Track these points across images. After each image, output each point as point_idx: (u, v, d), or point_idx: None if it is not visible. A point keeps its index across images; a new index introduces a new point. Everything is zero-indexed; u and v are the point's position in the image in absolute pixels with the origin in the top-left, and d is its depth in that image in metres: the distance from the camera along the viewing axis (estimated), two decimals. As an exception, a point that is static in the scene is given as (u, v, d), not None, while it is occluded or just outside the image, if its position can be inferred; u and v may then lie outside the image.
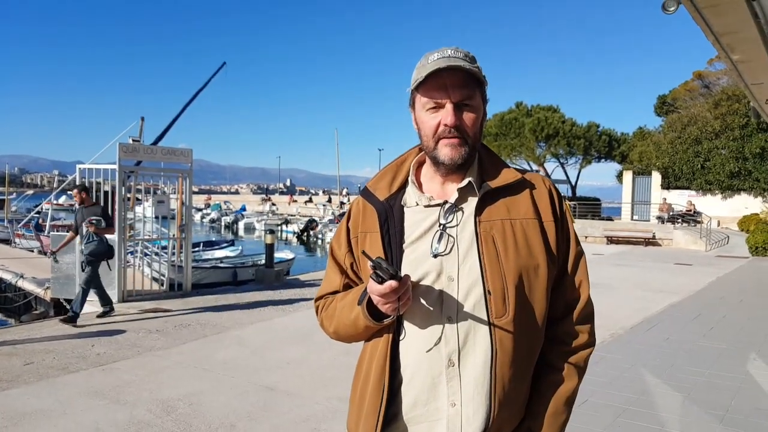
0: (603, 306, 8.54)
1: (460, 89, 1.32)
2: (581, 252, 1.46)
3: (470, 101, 1.34)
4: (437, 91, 1.32)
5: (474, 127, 1.35)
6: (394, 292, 1.22)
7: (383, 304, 1.25)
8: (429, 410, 1.32)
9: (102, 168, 9.53)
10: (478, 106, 1.36)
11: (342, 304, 1.43)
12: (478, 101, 1.36)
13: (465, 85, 1.32)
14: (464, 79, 1.32)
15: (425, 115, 1.36)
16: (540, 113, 35.79)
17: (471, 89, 1.33)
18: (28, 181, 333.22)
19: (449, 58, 1.31)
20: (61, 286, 9.13)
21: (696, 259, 16.66)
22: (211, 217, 50.31)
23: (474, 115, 1.35)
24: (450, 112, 1.32)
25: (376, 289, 1.24)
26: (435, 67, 1.29)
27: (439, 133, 1.34)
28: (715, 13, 4.39)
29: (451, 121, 1.32)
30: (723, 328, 7.48)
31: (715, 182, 26.73)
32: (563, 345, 1.41)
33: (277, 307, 8.57)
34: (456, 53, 1.33)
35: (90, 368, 5.44)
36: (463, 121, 1.34)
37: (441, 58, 1.32)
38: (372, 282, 1.24)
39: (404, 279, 1.24)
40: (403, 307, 1.27)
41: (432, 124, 1.35)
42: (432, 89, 1.33)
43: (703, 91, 30.89)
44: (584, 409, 4.38)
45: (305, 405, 4.55)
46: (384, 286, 1.22)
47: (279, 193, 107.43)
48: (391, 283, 1.21)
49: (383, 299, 1.24)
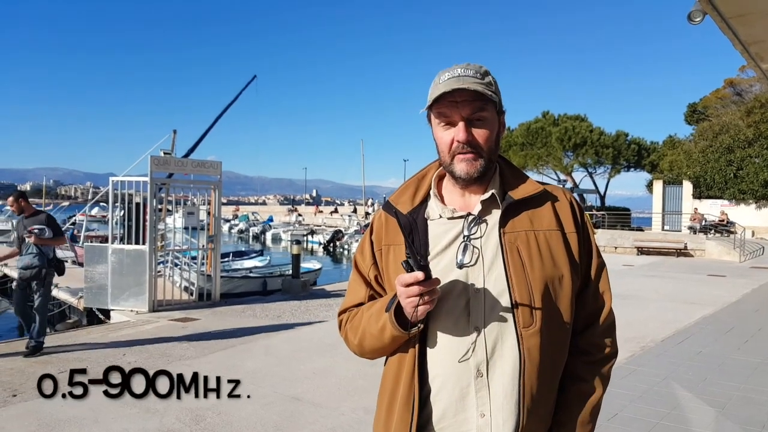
0: (633, 318, 8.40)
1: (470, 105, 1.34)
2: (603, 263, 1.48)
3: (482, 115, 1.36)
4: (448, 109, 1.36)
5: (488, 140, 1.38)
6: (418, 285, 1.23)
7: (405, 297, 1.25)
8: (458, 421, 1.33)
9: (134, 180, 9.76)
10: (491, 120, 1.38)
11: (369, 314, 1.43)
12: (491, 114, 1.38)
13: (476, 101, 1.35)
14: (475, 94, 1.34)
15: (440, 131, 1.40)
16: (567, 122, 35.45)
17: (482, 104, 1.36)
18: (62, 192, 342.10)
19: (458, 78, 1.34)
20: (94, 296, 9.36)
21: (729, 271, 16.25)
22: (239, 228, 50.98)
23: (487, 129, 1.37)
24: (462, 128, 1.35)
25: (402, 278, 1.25)
26: (447, 88, 1.32)
27: (454, 149, 1.37)
28: (743, 22, 4.33)
29: (462, 137, 1.35)
30: (758, 342, 7.28)
31: (749, 191, 26.10)
32: (587, 355, 1.42)
33: (303, 318, 8.64)
34: (466, 71, 1.36)
35: (121, 377, 5.55)
36: (476, 136, 1.36)
37: (450, 79, 1.34)
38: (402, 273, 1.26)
39: (433, 279, 1.25)
40: (423, 307, 1.25)
41: (446, 140, 1.38)
42: (443, 107, 1.36)
43: (735, 98, 30.29)
44: (614, 424, 4.31)
45: (331, 416, 4.57)
46: (410, 274, 1.23)
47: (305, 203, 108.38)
48: (417, 274, 1.22)
49: (406, 292, 1.24)
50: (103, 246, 9.65)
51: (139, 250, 9.16)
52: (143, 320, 8.50)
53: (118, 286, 9.17)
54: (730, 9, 4.18)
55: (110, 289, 9.19)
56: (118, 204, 9.53)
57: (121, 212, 9.56)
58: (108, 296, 9.21)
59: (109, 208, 9.72)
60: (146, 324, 8.17)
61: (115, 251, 9.24)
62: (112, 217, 9.62)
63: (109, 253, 9.25)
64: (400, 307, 1.31)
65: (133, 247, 9.21)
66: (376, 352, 1.46)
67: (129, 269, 9.15)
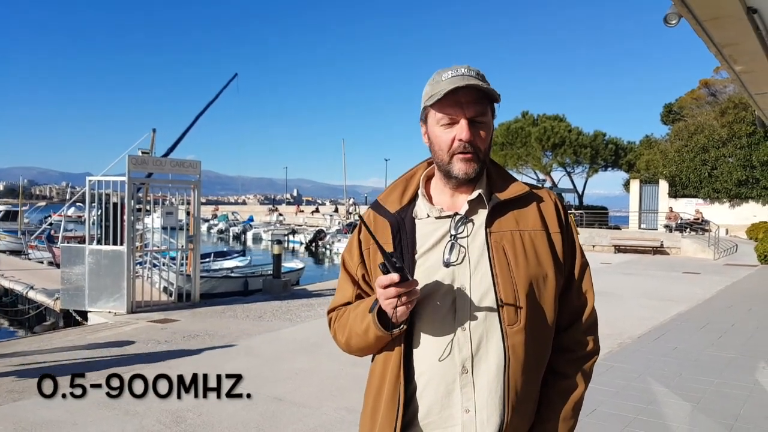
0: (610, 315, 8.52)
1: (474, 106, 1.37)
2: (586, 263, 1.51)
3: (483, 118, 1.39)
4: (452, 108, 1.37)
5: (485, 143, 1.41)
6: (394, 287, 1.24)
7: (384, 298, 1.27)
8: (443, 417, 1.35)
9: (112, 180, 9.63)
10: (490, 123, 1.42)
11: (354, 314, 1.45)
12: (490, 118, 1.42)
13: (479, 102, 1.37)
14: (478, 96, 1.37)
15: (439, 130, 1.41)
16: (546, 122, 35.81)
17: (484, 106, 1.39)
18: (37, 192, 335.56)
19: (464, 77, 1.36)
20: (71, 297, 9.22)
21: (704, 268, 16.57)
22: (219, 228, 50.49)
23: (486, 132, 1.40)
24: (465, 128, 1.37)
25: (379, 280, 1.27)
26: (453, 85, 1.34)
27: (454, 148, 1.39)
28: (716, 25, 4.43)
29: (466, 137, 1.37)
30: (731, 337, 7.45)
31: (723, 190, 26.64)
32: (570, 353, 1.46)
33: (284, 318, 8.61)
34: (469, 71, 1.39)
35: (99, 379, 5.48)
36: (477, 137, 1.39)
37: (456, 76, 1.37)
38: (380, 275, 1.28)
39: (409, 280, 1.26)
40: (401, 308, 1.26)
41: (446, 138, 1.40)
42: (447, 105, 1.37)
43: (709, 99, 30.84)
44: (592, 419, 4.38)
45: (313, 415, 4.57)
46: (386, 276, 1.25)
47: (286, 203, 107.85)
48: (392, 276, 1.24)
49: (385, 293, 1.26)
50: (80, 247, 9.50)
51: (116, 250, 9.05)
52: (122, 321, 8.39)
53: (96, 287, 9.04)
54: (705, 12, 4.27)
55: (87, 291, 9.06)
56: (95, 204, 9.40)
57: (99, 212, 9.42)
58: (85, 298, 9.08)
59: (86, 208, 9.57)
60: (125, 325, 8.07)
61: (93, 252, 9.11)
62: (89, 217, 9.48)
63: (86, 254, 9.12)
64: (382, 309, 1.33)
65: (111, 247, 9.09)
66: (364, 351, 1.47)
67: (107, 270, 9.02)
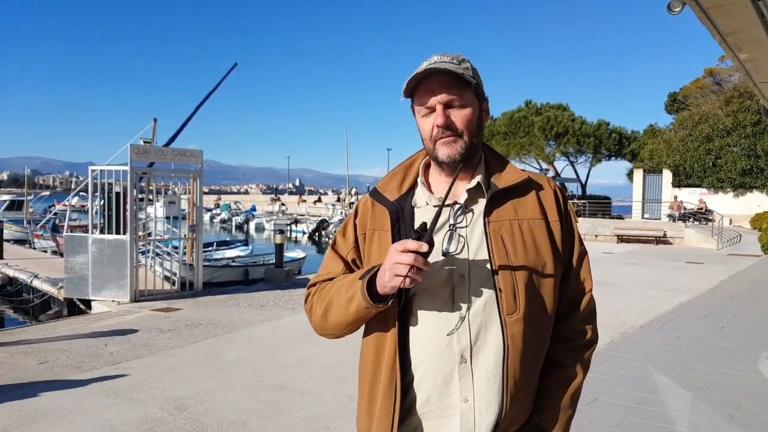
0: (612, 305, 8.53)
1: (447, 90, 1.36)
2: (585, 251, 1.50)
3: (460, 101, 1.37)
4: (426, 96, 1.37)
5: (468, 123, 1.38)
6: (416, 258, 1.19)
7: (396, 262, 1.21)
8: (441, 406, 1.35)
9: (115, 170, 9.62)
10: (470, 104, 1.39)
11: (340, 283, 1.41)
12: (470, 99, 1.39)
13: (452, 86, 1.36)
14: (452, 80, 1.35)
15: (422, 120, 1.41)
16: (549, 112, 35.65)
17: (459, 88, 1.36)
18: (40, 182, 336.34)
19: (436, 63, 1.35)
20: (75, 286, 9.27)
21: (707, 258, 16.54)
22: (222, 218, 50.58)
23: (465, 112, 1.38)
24: (440, 113, 1.36)
25: (407, 242, 1.21)
26: (418, 74, 1.34)
27: (435, 135, 1.38)
28: (721, 13, 4.38)
29: (441, 122, 1.36)
30: (734, 327, 7.45)
31: (727, 180, 26.52)
32: (568, 342, 1.45)
33: (286, 307, 8.64)
34: (442, 58, 1.37)
35: (103, 367, 5.52)
36: (454, 119, 1.37)
37: (427, 67, 1.35)
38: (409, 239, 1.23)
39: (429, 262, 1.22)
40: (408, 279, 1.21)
41: (427, 128, 1.39)
42: (422, 95, 1.38)
43: (714, 88, 30.63)
44: (593, 408, 4.39)
45: (315, 403, 4.60)
46: (416, 241, 1.20)
47: (288, 193, 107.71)
48: (422, 244, 1.20)
49: (400, 258, 1.21)
50: (83, 236, 9.52)
51: (119, 240, 9.07)
52: (125, 310, 8.43)
53: (99, 276, 9.08)
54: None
55: (91, 280, 9.10)
56: (98, 194, 9.41)
57: (101, 202, 9.44)
58: (89, 286, 9.12)
59: (88, 197, 9.58)
60: (128, 314, 8.11)
61: (96, 241, 9.14)
62: (91, 207, 9.50)
63: (89, 243, 9.15)
64: (374, 281, 1.29)
65: (114, 237, 9.12)
66: (339, 327, 1.43)
67: (110, 259, 9.06)
